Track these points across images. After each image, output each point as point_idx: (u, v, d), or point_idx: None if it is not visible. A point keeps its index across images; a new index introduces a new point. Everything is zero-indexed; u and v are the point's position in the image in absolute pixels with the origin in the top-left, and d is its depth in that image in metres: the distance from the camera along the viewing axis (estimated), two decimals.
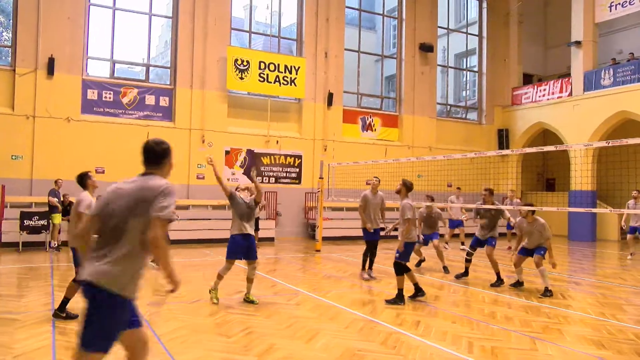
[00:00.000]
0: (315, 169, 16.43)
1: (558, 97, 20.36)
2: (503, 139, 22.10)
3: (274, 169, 17.73)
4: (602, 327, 6.45)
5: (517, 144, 21.48)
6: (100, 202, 3.28)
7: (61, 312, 6.24)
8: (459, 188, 15.65)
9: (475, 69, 23.39)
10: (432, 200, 11.42)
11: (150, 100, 16.22)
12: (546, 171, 23.92)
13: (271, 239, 15.97)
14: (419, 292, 7.76)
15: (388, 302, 7.51)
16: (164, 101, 16.44)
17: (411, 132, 20.41)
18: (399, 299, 7.50)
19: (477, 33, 23.12)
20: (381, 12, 21.58)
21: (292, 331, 5.96)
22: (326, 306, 7.34)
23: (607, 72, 18.70)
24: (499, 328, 6.30)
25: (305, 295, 8.11)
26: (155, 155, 3.37)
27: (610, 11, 19.01)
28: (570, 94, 19.83)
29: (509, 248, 15.48)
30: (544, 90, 21.10)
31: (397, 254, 7.59)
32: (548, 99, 20.78)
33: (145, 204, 3.08)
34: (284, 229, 17.29)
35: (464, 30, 23.45)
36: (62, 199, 13.16)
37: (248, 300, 7.41)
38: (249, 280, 7.45)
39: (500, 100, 22.69)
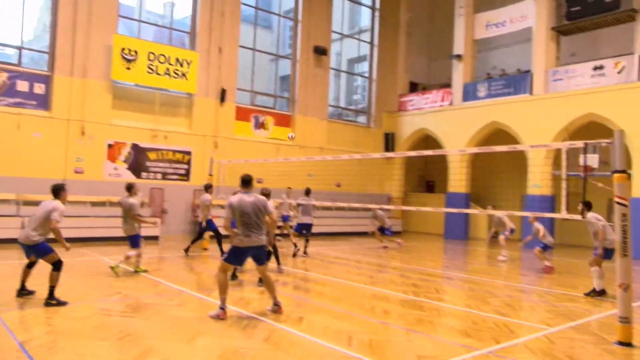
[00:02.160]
0: (205, 166, 16.08)
1: (440, 106, 21.81)
2: (389, 142, 23.19)
3: (161, 164, 17.05)
4: (468, 318, 7.01)
5: (401, 148, 22.67)
6: (234, 208, 6.58)
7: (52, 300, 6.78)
8: (289, 188, 16.36)
9: (366, 74, 24.32)
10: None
11: (22, 86, 14.84)
12: (427, 174, 25.50)
13: (155, 238, 15.29)
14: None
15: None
16: (39, 88, 15.12)
17: (303, 132, 20.70)
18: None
19: (369, 40, 24.04)
20: (277, 12, 21.66)
21: (173, 332, 5.78)
22: (211, 305, 7.19)
23: (482, 85, 20.39)
24: (377, 322, 6.61)
25: (189, 295, 7.90)
26: (250, 182, 6.77)
27: (487, 30, 20.77)
28: (451, 103, 21.35)
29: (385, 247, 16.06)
30: (427, 98, 22.50)
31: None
32: (431, 107, 22.18)
33: (262, 207, 6.67)
34: (169, 227, 16.69)
35: (357, 36, 24.28)
36: None
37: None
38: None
39: (388, 106, 23.79)
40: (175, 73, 17.09)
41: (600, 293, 8.86)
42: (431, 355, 5.30)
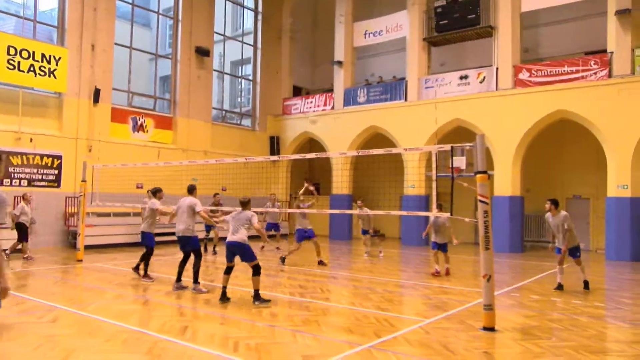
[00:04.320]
0: (78, 171, 14.98)
1: (322, 110, 22.40)
2: (274, 145, 23.35)
3: (27, 170, 15.55)
4: (352, 315, 7.29)
5: (286, 151, 22.94)
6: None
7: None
8: (273, 194, 16.82)
9: (250, 77, 24.25)
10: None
11: None
12: (312, 177, 26.03)
13: (18, 251, 13.67)
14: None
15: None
16: None
17: (186, 135, 20.11)
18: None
19: (252, 43, 23.99)
20: (156, 10, 20.82)
21: (42, 352, 5.31)
22: (86, 320, 6.75)
23: (362, 90, 21.30)
24: (264, 325, 6.62)
25: (62, 310, 7.32)
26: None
27: (365, 38, 21.74)
28: (333, 108, 22.03)
29: (277, 248, 16.30)
30: (311, 102, 23.01)
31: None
32: (314, 111, 22.70)
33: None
34: (38, 238, 15.27)
35: (240, 39, 24.13)
36: None
37: None
38: None
39: (272, 109, 23.93)
40: (41, 70, 15.69)
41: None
42: (316, 354, 5.43)
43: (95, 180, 13.47)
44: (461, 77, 18.75)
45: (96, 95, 17.09)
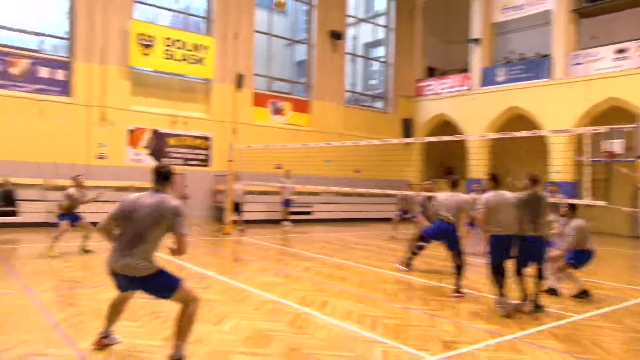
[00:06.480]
0: (225, 151, 16.20)
1: (457, 91, 21.60)
2: (407, 128, 23.06)
3: (181, 150, 17.22)
4: (486, 302, 7.03)
5: (419, 133, 22.53)
6: (123, 208, 4.51)
7: None
8: (288, 171, 16.67)
9: (383, 59, 24.12)
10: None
11: (44, 72, 15.02)
12: (446, 160, 25.31)
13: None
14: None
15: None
16: (60, 74, 15.30)
17: (321, 117, 20.69)
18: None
19: (384, 24, 23.80)
20: None
21: (200, 314, 5.85)
22: (235, 289, 7.33)
23: (501, 69, 20.13)
24: (401, 307, 6.66)
25: (214, 278, 8.05)
26: (164, 176, 4.57)
27: (503, 13, 20.43)
28: (469, 88, 21.12)
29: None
30: (445, 83, 22.29)
31: None
32: (449, 92, 21.97)
33: (166, 217, 4.35)
34: (192, 212, 16.85)
35: (373, 20, 24.05)
36: None
37: None
38: None
39: (405, 91, 23.60)
40: (192, 58, 17.14)
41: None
42: (457, 340, 5.34)
43: (240, 161, 14.47)
44: (617, 51, 16.85)
45: (239, 80, 18.26)
